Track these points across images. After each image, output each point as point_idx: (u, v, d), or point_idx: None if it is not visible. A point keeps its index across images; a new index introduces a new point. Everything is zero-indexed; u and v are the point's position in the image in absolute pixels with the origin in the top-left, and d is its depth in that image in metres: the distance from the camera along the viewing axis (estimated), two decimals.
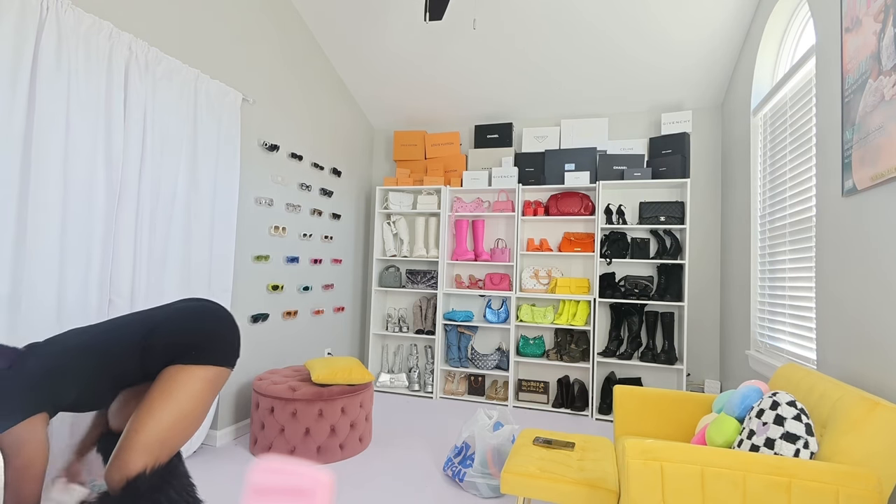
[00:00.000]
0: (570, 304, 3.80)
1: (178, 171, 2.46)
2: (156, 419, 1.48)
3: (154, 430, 1.47)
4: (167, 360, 1.57)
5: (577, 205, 3.86)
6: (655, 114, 3.92)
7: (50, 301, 1.89)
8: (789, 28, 2.72)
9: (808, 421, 1.37)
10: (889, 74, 1.52)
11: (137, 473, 1.43)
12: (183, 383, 1.54)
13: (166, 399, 1.51)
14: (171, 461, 1.53)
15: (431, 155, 4.35)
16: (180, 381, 1.54)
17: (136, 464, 1.44)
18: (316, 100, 3.74)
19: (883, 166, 1.54)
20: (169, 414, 1.50)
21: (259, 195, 3.11)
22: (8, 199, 1.80)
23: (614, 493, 1.59)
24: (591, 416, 3.63)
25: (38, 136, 1.85)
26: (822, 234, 2.01)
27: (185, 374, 1.55)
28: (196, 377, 1.56)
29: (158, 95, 2.35)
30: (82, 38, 2.00)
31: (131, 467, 1.43)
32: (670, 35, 3.23)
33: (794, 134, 2.44)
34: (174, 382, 1.53)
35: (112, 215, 2.14)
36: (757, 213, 2.95)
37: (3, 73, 1.77)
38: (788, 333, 2.45)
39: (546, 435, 2.05)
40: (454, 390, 4.03)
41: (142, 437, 1.46)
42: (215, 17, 2.76)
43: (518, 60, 3.62)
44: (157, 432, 1.47)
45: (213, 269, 2.69)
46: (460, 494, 2.29)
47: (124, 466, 1.43)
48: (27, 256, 1.83)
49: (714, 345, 3.71)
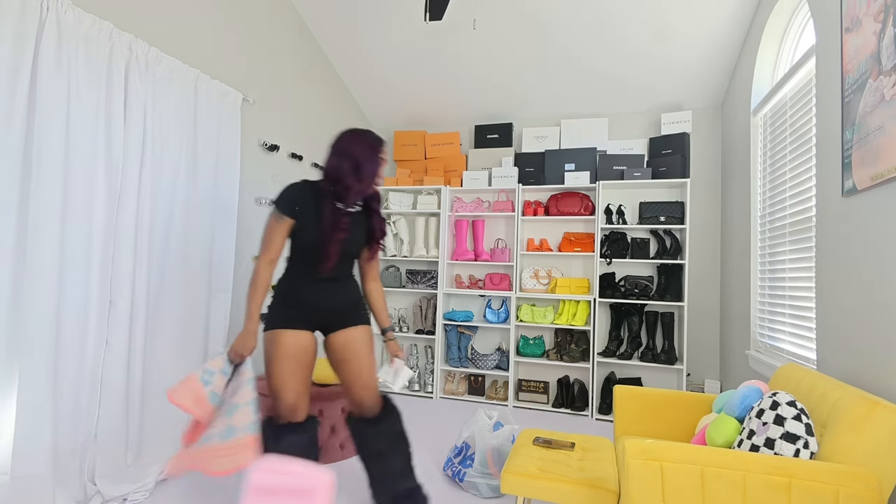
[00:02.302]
0: (570, 304, 3.80)
1: (179, 171, 2.46)
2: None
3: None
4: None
5: (577, 205, 3.86)
6: (655, 114, 3.92)
7: (50, 302, 1.89)
8: (789, 28, 2.72)
9: (808, 421, 1.37)
10: (889, 74, 1.52)
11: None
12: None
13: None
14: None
15: (431, 155, 4.35)
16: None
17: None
18: (316, 100, 3.74)
19: (883, 166, 1.54)
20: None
21: (259, 195, 3.11)
22: (8, 199, 1.81)
23: (614, 493, 1.59)
24: (591, 416, 3.63)
25: (38, 136, 1.85)
26: (822, 234, 2.01)
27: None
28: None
29: (158, 95, 2.35)
30: (82, 38, 2.00)
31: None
32: (671, 36, 3.23)
33: (794, 134, 2.44)
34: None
35: (112, 215, 2.14)
36: (757, 212, 2.95)
37: (4, 73, 1.77)
38: (788, 333, 2.45)
39: (546, 435, 2.05)
40: (454, 390, 4.03)
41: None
42: (215, 17, 2.76)
43: (518, 60, 3.62)
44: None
45: (214, 268, 2.69)
46: (460, 494, 2.29)
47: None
48: (27, 257, 1.83)
49: (714, 345, 3.71)
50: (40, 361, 1.86)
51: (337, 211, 1.81)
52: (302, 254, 1.84)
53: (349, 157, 1.81)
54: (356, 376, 1.91)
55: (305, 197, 1.81)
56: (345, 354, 1.90)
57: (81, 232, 2.02)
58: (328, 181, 1.82)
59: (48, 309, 1.88)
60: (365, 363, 1.91)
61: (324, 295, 1.87)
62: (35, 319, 1.85)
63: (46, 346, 1.88)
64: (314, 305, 1.86)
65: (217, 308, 2.71)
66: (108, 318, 2.15)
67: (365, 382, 1.91)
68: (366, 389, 1.92)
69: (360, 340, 1.92)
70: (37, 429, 1.85)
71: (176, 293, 2.46)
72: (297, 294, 1.85)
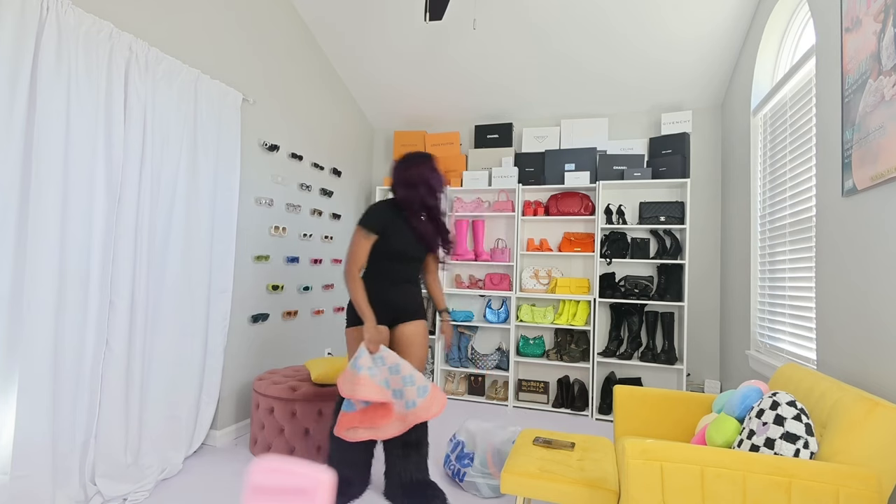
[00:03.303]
0: (570, 304, 3.80)
1: (179, 171, 2.46)
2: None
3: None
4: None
5: (577, 205, 3.86)
6: (655, 114, 3.92)
7: (50, 302, 1.89)
8: (789, 28, 2.72)
9: (808, 421, 1.37)
10: (889, 74, 1.52)
11: None
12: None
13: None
14: None
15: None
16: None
17: None
18: (316, 100, 3.74)
19: (883, 166, 1.54)
20: None
21: (259, 195, 3.11)
22: (8, 199, 1.81)
23: (614, 493, 1.59)
24: (591, 416, 3.63)
25: (38, 136, 1.85)
26: (822, 234, 2.01)
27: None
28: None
29: (158, 95, 2.35)
30: (82, 38, 2.00)
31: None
32: (671, 35, 3.23)
33: (794, 134, 2.44)
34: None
35: (112, 215, 2.14)
36: (757, 213, 2.95)
37: (4, 73, 1.77)
38: (788, 333, 2.45)
39: (546, 435, 2.05)
40: (454, 390, 4.03)
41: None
42: (215, 17, 2.76)
43: (518, 60, 3.62)
44: None
45: (214, 268, 2.69)
46: (460, 494, 2.29)
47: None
48: (27, 257, 1.83)
49: (714, 345, 3.71)
50: (40, 361, 1.86)
51: (414, 226, 2.22)
52: (385, 262, 2.20)
53: (418, 182, 2.17)
54: (416, 360, 2.26)
55: (388, 215, 2.18)
56: (412, 339, 2.25)
57: (81, 232, 2.02)
58: (405, 203, 2.19)
59: (48, 309, 1.88)
60: (424, 350, 2.30)
61: (402, 295, 2.23)
62: (35, 319, 1.85)
63: (46, 346, 1.88)
64: (393, 304, 2.21)
65: (217, 308, 2.71)
66: (108, 318, 2.15)
67: (419, 364, 2.28)
68: (420, 370, 2.27)
69: (421, 333, 2.29)
70: (37, 429, 1.85)
71: (176, 293, 2.46)
72: (381, 296, 2.19)
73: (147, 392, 2.36)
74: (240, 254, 2.95)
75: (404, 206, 2.19)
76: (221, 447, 2.77)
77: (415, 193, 2.17)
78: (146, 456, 2.32)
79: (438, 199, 2.24)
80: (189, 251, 2.53)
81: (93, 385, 2.09)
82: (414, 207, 2.19)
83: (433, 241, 2.28)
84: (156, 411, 2.39)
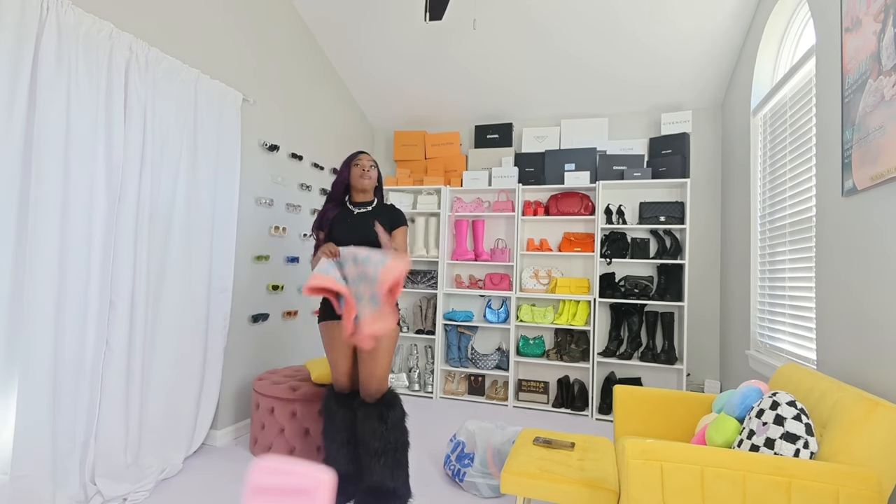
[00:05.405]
0: (570, 304, 3.80)
1: (179, 171, 2.46)
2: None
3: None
4: None
5: (577, 205, 3.86)
6: (655, 114, 3.92)
7: (50, 302, 1.89)
8: (789, 28, 2.72)
9: (807, 421, 1.37)
10: (889, 74, 1.52)
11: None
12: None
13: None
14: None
15: (431, 155, 4.35)
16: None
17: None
18: (316, 100, 3.74)
19: (883, 166, 1.54)
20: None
21: (259, 195, 3.11)
22: (8, 200, 1.81)
23: (614, 493, 1.59)
24: (591, 416, 3.63)
25: (38, 136, 1.85)
26: (822, 234, 2.01)
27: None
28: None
29: (158, 95, 2.35)
30: (82, 38, 2.00)
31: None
32: (671, 36, 3.23)
33: (794, 134, 2.44)
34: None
35: (112, 215, 2.14)
36: (757, 213, 2.95)
37: (4, 73, 1.77)
38: (788, 333, 2.45)
39: (546, 435, 2.05)
40: (454, 390, 4.03)
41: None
42: (215, 17, 2.76)
43: (518, 60, 3.62)
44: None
45: (214, 268, 2.69)
46: (460, 494, 2.29)
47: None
48: (27, 257, 1.83)
49: (714, 345, 3.71)
50: (40, 361, 1.86)
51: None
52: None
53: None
54: (369, 364, 2.19)
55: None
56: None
57: (81, 232, 2.02)
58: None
59: (48, 309, 1.88)
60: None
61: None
62: (35, 319, 1.84)
63: (46, 346, 1.88)
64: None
65: (217, 308, 2.71)
66: (108, 319, 2.15)
67: (386, 364, 2.22)
68: (372, 377, 2.18)
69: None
70: (37, 429, 1.85)
71: (176, 293, 2.46)
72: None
73: (147, 392, 2.36)
74: (240, 254, 2.94)
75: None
76: (221, 447, 2.77)
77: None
78: (146, 456, 2.32)
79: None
80: (189, 251, 2.53)
81: (93, 385, 2.09)
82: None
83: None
84: (156, 411, 2.39)
